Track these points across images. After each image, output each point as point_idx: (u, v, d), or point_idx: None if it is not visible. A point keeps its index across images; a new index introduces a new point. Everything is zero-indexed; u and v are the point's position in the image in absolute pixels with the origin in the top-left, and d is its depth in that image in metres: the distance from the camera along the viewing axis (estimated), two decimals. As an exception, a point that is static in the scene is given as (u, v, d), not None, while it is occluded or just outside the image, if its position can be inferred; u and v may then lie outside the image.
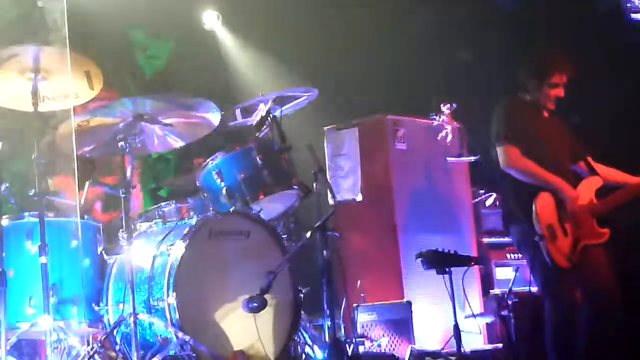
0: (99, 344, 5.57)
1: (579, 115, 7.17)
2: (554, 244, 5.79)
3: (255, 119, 6.72)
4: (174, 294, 5.55)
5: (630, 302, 5.96)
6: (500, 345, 7.19)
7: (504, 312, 7.03)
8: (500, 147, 6.00)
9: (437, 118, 7.47)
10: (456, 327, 5.96)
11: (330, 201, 6.49)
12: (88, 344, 5.84)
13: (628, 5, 8.40)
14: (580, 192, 5.98)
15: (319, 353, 6.23)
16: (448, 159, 7.74)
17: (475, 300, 7.47)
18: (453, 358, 6.16)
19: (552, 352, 5.87)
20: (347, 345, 6.50)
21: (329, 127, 7.87)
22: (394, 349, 6.93)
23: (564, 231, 5.85)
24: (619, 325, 5.84)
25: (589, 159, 6.24)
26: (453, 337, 6.03)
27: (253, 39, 9.36)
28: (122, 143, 5.65)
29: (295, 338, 6.15)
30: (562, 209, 5.88)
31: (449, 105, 7.37)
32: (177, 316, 5.53)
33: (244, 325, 5.74)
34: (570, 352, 5.83)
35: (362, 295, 7.22)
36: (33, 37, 7.11)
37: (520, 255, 7.27)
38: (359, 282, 7.27)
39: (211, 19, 9.38)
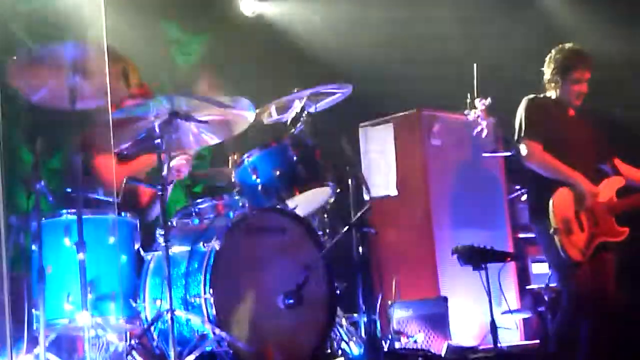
0: (137, 340, 5.61)
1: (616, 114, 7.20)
2: (569, 238, 5.84)
3: (290, 115, 6.73)
4: (211, 290, 5.57)
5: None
6: (536, 341, 7.17)
7: (541, 308, 7.02)
8: (523, 142, 6.06)
9: (472, 114, 7.43)
10: (492, 323, 5.96)
11: (366, 197, 6.49)
12: (126, 340, 5.88)
13: None
14: (601, 190, 6.03)
15: (355, 349, 6.23)
16: (483, 154, 7.70)
17: (511, 296, 7.44)
18: (490, 354, 6.14)
19: (557, 343, 5.94)
20: (383, 342, 6.50)
21: (363, 123, 7.86)
22: (430, 345, 6.91)
23: (580, 226, 5.89)
24: (617, 328, 5.96)
25: (616, 158, 6.25)
26: (489, 333, 6.02)
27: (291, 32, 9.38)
28: (159, 140, 5.68)
29: (332, 334, 6.15)
30: (581, 204, 5.91)
31: (484, 100, 7.32)
32: (214, 312, 5.54)
33: (281, 322, 5.76)
34: (574, 347, 5.89)
35: (398, 291, 7.20)
36: (70, 35, 7.14)
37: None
38: (394, 278, 7.26)
39: (249, 5, 9.43)
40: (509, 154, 7.70)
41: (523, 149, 6.06)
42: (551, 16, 9.04)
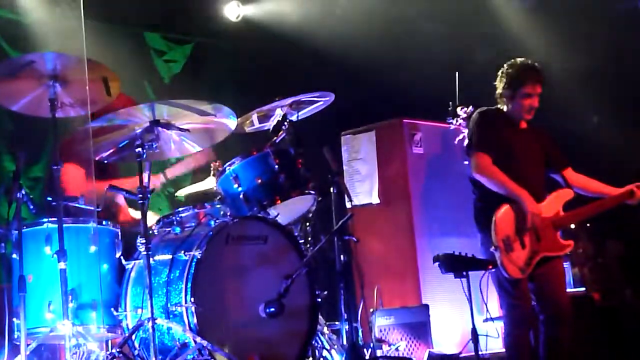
0: (118, 349, 5.59)
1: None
2: (508, 256, 5.95)
3: (272, 123, 6.73)
4: (192, 299, 5.57)
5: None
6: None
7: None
8: (473, 154, 6.15)
9: (454, 122, 7.46)
10: (474, 331, 5.96)
11: (348, 205, 6.49)
12: (107, 349, 5.87)
13: None
14: (548, 203, 6.13)
15: (336, 357, 6.25)
16: (465, 162, 7.72)
17: (493, 303, 7.44)
18: (471, 362, 6.15)
19: (507, 353, 6.10)
20: (364, 350, 6.50)
21: (345, 131, 7.88)
22: (411, 353, 6.93)
23: (522, 244, 5.98)
24: (574, 332, 6.09)
25: (568, 169, 6.32)
26: (471, 341, 6.02)
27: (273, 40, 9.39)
28: (139, 149, 5.68)
29: (313, 342, 6.15)
30: (523, 223, 5.96)
31: (465, 109, 7.36)
32: (195, 321, 5.54)
33: (262, 330, 5.76)
34: (527, 358, 6.03)
35: (379, 299, 7.21)
36: (50, 45, 7.15)
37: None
38: (376, 286, 7.27)
39: (233, 10, 9.45)
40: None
41: (472, 161, 6.15)
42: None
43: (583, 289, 7.80)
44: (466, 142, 6.37)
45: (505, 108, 6.31)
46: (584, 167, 6.47)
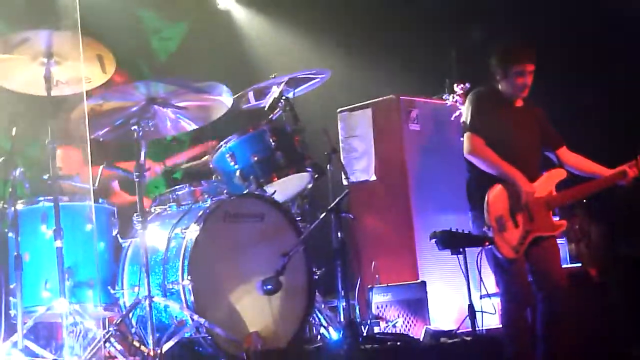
0: (115, 327, 5.59)
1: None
2: (501, 235, 5.94)
3: (268, 101, 6.72)
4: (189, 276, 5.57)
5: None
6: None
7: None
8: (466, 134, 6.14)
9: (450, 98, 7.44)
10: (471, 307, 5.97)
11: (345, 182, 6.50)
12: (104, 327, 5.88)
13: None
14: (540, 183, 6.11)
15: (334, 334, 6.25)
16: (462, 139, 7.71)
17: (490, 280, 7.45)
18: (468, 338, 6.16)
19: (506, 338, 6.05)
20: (362, 326, 6.52)
21: (342, 108, 7.86)
22: (409, 330, 6.93)
23: (515, 223, 5.98)
24: (571, 307, 6.10)
25: (563, 148, 6.31)
26: (468, 317, 6.04)
27: (267, 19, 9.36)
28: (135, 127, 5.66)
29: (310, 319, 6.17)
30: (516, 202, 5.97)
31: (462, 85, 7.34)
32: (192, 299, 5.55)
33: (259, 308, 5.77)
34: (525, 335, 6.03)
35: (377, 276, 7.22)
36: (45, 22, 7.11)
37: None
38: (373, 263, 7.28)
39: None
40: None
41: (465, 141, 6.13)
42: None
43: (579, 264, 7.81)
44: (462, 119, 6.35)
45: (500, 87, 6.28)
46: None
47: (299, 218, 6.51)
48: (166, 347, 5.36)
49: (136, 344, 5.49)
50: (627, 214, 7.90)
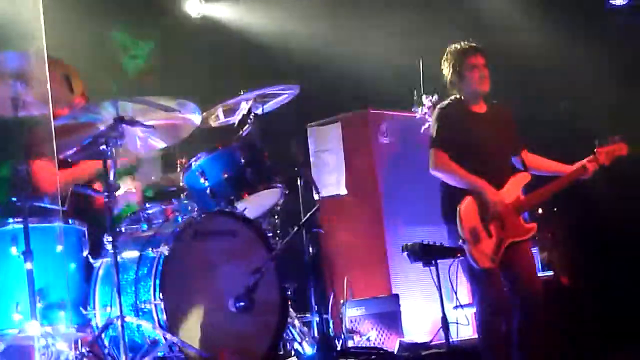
0: (88, 348, 5.57)
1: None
2: (477, 247, 5.94)
3: (237, 117, 6.73)
4: (161, 295, 5.55)
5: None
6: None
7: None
8: (430, 150, 6.13)
9: (419, 111, 7.48)
10: (444, 319, 5.98)
11: (315, 197, 6.50)
12: (77, 349, 5.84)
13: None
14: (507, 189, 6.12)
15: (308, 349, 6.25)
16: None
17: (463, 290, 7.49)
18: (442, 349, 6.18)
19: (483, 348, 6.05)
20: (336, 340, 6.52)
21: (311, 123, 7.88)
22: (383, 343, 6.95)
23: (488, 233, 5.99)
24: (546, 315, 6.10)
25: (524, 152, 6.36)
26: (441, 329, 6.05)
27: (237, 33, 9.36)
28: (104, 146, 5.64)
29: (284, 335, 6.16)
30: (486, 212, 5.99)
31: (430, 97, 7.38)
32: (165, 318, 5.53)
33: (232, 325, 5.76)
34: (501, 344, 6.01)
35: (350, 290, 7.23)
36: (11, 44, 7.08)
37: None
38: (346, 277, 7.29)
39: (194, 6, 9.40)
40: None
41: (430, 158, 6.12)
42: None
43: (551, 273, 7.86)
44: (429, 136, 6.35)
45: (461, 94, 6.25)
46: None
47: (270, 234, 6.50)
48: (139, 366, 5.34)
49: (109, 364, 5.46)
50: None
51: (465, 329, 7.23)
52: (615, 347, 7.25)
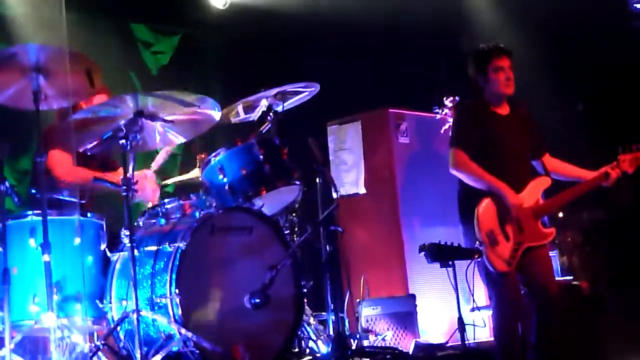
0: (103, 341, 5.59)
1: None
2: (494, 249, 5.92)
3: (257, 114, 6.74)
4: (177, 290, 5.56)
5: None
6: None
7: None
8: (450, 150, 6.12)
9: (440, 111, 7.46)
10: (460, 320, 5.97)
11: (334, 195, 6.49)
12: (92, 341, 5.86)
13: None
14: (527, 193, 6.09)
15: (323, 347, 6.25)
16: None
17: (480, 292, 7.46)
18: (457, 351, 6.16)
19: (499, 351, 6.03)
20: (351, 340, 6.52)
21: (331, 122, 7.88)
22: (398, 343, 6.94)
23: (505, 236, 5.97)
24: (564, 319, 6.10)
25: (546, 155, 6.33)
26: (457, 330, 6.03)
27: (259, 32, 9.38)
28: (123, 140, 5.66)
29: (299, 332, 6.16)
30: (505, 215, 5.96)
31: (451, 98, 7.36)
32: (180, 312, 5.54)
33: (247, 321, 5.76)
34: (518, 348, 6.00)
35: (366, 289, 7.22)
36: (33, 36, 7.13)
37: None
38: (363, 276, 7.28)
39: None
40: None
41: (450, 157, 6.11)
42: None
43: (571, 277, 7.82)
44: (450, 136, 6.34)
45: (486, 95, 6.25)
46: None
47: (287, 231, 6.51)
48: (154, 360, 5.35)
49: (124, 358, 5.47)
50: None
51: (481, 331, 7.20)
52: (636, 355, 7.19)
